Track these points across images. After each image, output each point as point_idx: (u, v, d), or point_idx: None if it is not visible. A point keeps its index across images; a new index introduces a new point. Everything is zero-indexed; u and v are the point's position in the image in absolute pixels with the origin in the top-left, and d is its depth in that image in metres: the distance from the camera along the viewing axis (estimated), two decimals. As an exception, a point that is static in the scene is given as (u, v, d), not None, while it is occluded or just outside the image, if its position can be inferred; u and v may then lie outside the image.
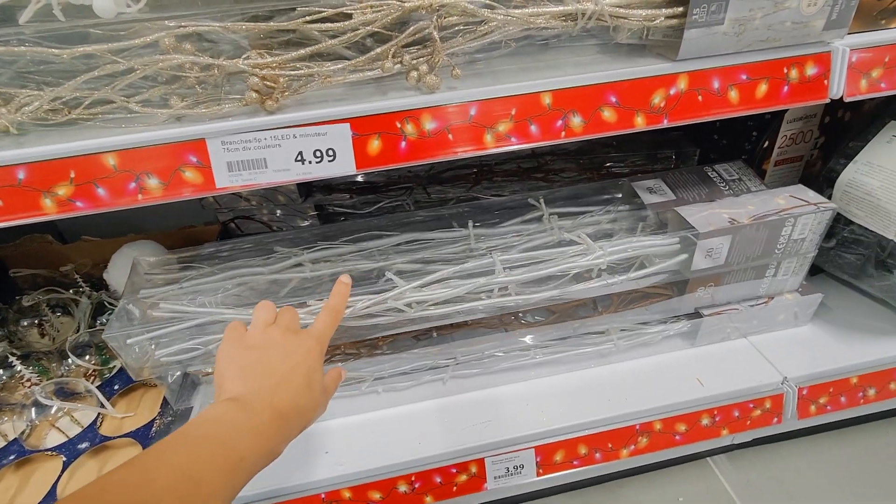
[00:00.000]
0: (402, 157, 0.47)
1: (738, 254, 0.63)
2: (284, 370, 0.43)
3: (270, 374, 0.43)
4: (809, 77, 0.51)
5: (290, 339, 0.46)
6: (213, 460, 0.36)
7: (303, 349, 0.45)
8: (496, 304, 0.59)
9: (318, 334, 0.47)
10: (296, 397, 0.43)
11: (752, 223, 0.61)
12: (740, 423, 0.66)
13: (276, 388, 0.42)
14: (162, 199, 0.45)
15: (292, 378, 0.43)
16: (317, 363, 0.45)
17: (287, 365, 0.44)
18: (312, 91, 0.46)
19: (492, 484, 0.62)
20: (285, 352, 0.45)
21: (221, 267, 0.66)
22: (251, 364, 0.44)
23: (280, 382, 0.42)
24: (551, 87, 0.47)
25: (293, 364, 0.44)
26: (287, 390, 0.42)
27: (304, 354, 0.45)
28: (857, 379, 0.66)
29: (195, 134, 0.43)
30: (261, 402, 0.41)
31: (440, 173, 0.88)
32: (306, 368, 0.44)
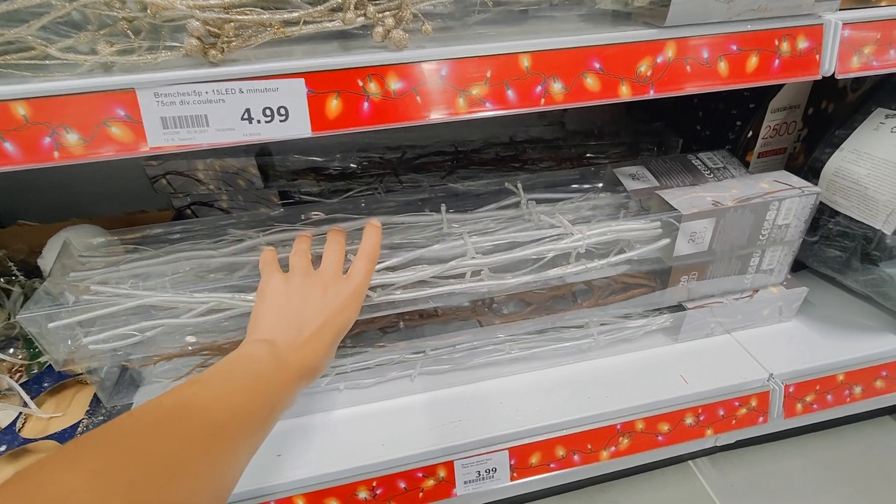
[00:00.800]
0: (365, 119, 0.42)
1: (722, 239, 0.60)
2: (318, 325, 0.44)
3: (305, 327, 0.43)
4: (801, 51, 0.48)
5: (329, 289, 0.45)
6: (256, 397, 0.38)
7: (339, 303, 0.45)
8: (468, 288, 0.55)
9: (356, 285, 0.47)
10: (322, 357, 0.44)
11: (737, 206, 0.58)
12: (725, 422, 0.62)
13: (306, 344, 0.43)
14: (83, 158, 0.39)
15: (324, 335, 0.44)
16: (349, 321, 0.46)
17: (321, 319, 0.44)
18: (264, 43, 0.41)
19: (461, 489, 0.57)
20: (323, 304, 0.44)
21: (168, 250, 0.60)
22: (288, 312, 0.44)
23: (311, 338, 0.43)
24: (530, 48, 0.43)
25: (326, 320, 0.44)
26: (316, 349, 0.43)
27: (339, 310, 0.45)
28: (844, 376, 0.64)
29: (123, 84, 0.38)
30: (291, 356, 0.42)
31: (413, 160, 0.83)
32: (338, 327, 0.45)
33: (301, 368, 0.42)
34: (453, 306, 0.64)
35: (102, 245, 0.63)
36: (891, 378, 0.66)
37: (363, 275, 0.48)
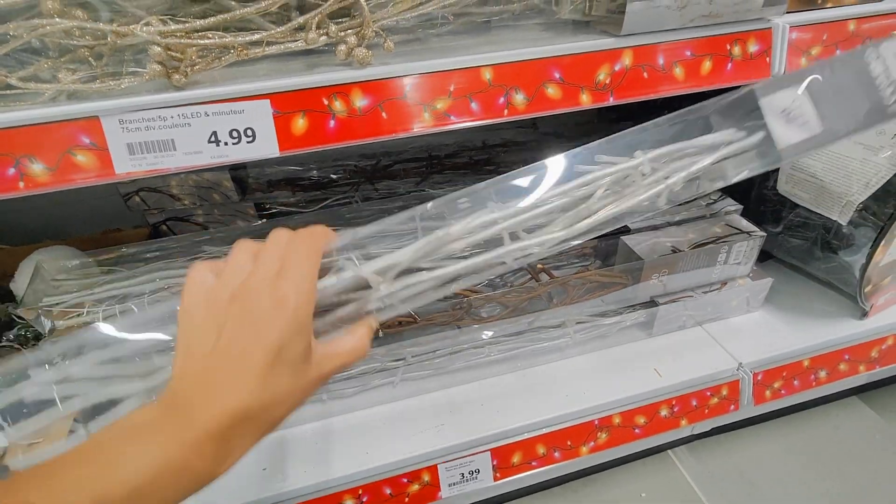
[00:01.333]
0: (332, 137, 0.43)
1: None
2: (236, 351, 0.28)
3: (217, 357, 0.28)
4: (752, 54, 0.50)
5: (258, 298, 0.29)
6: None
7: (269, 312, 0.28)
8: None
9: (297, 287, 0.29)
10: (249, 390, 0.28)
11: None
12: (699, 412, 0.65)
13: (217, 383, 0.28)
14: (50, 187, 0.39)
15: (244, 363, 0.28)
16: (287, 332, 0.28)
17: (242, 342, 0.28)
18: (229, 66, 0.41)
19: (446, 492, 0.58)
20: (244, 318, 0.28)
21: (143, 270, 0.60)
22: (203, 336, 0.29)
23: (224, 371, 0.28)
24: (491, 61, 0.44)
25: (251, 340, 0.28)
26: (237, 379, 0.28)
27: (268, 321, 0.28)
28: (809, 361, 0.66)
29: (87, 111, 0.38)
30: (197, 412, 0.27)
31: (388, 167, 0.84)
32: (269, 346, 0.28)
33: (211, 417, 0.27)
34: (432, 311, 0.65)
35: (77, 267, 0.62)
36: (853, 361, 0.69)
37: (306, 275, 0.30)
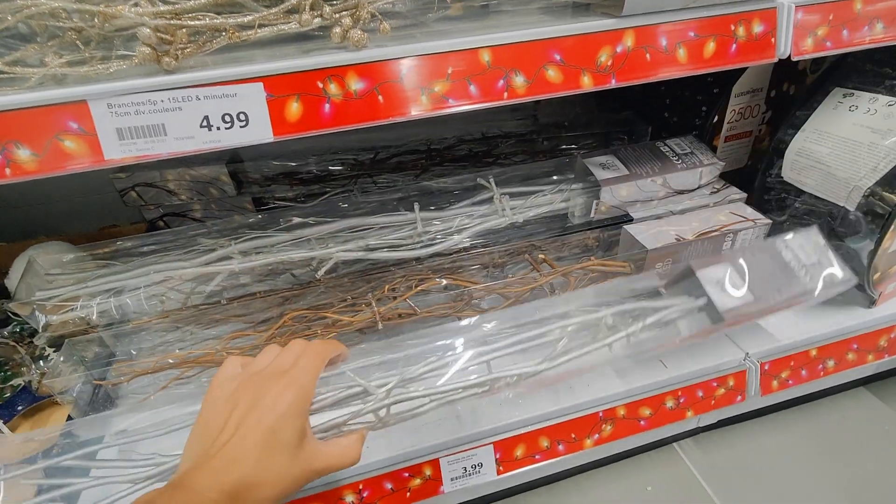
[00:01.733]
0: (327, 121, 0.42)
1: None
2: (240, 431, 0.32)
3: (223, 437, 0.32)
4: (756, 35, 0.49)
5: (263, 385, 0.34)
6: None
7: (269, 398, 0.34)
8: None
9: (297, 380, 0.35)
10: (245, 466, 0.31)
11: (696, 239, 0.63)
12: (705, 403, 0.63)
13: (220, 455, 0.31)
14: (37, 174, 0.38)
15: (245, 442, 0.32)
16: (285, 419, 0.33)
17: (245, 423, 0.33)
18: (220, 50, 0.40)
19: (448, 486, 0.57)
20: (250, 404, 0.33)
21: (138, 263, 0.59)
22: (214, 421, 0.34)
23: (229, 449, 0.32)
24: (490, 43, 0.43)
25: (252, 422, 0.33)
26: (235, 456, 0.32)
27: (268, 406, 0.33)
28: (817, 351, 0.65)
29: (74, 96, 0.37)
30: (198, 480, 0.31)
31: (387, 160, 0.83)
32: (266, 426, 0.32)
33: (217, 491, 0.30)
34: (432, 303, 0.64)
35: (71, 262, 0.61)
36: (861, 350, 0.68)
37: (308, 369, 0.37)
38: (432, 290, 0.66)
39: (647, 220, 0.67)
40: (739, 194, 0.70)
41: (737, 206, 0.68)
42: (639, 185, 0.65)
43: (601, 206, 0.65)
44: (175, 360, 0.57)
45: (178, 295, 0.62)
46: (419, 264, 0.66)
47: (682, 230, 0.64)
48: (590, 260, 0.65)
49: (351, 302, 0.62)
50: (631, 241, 0.64)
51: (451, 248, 0.64)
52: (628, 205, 0.67)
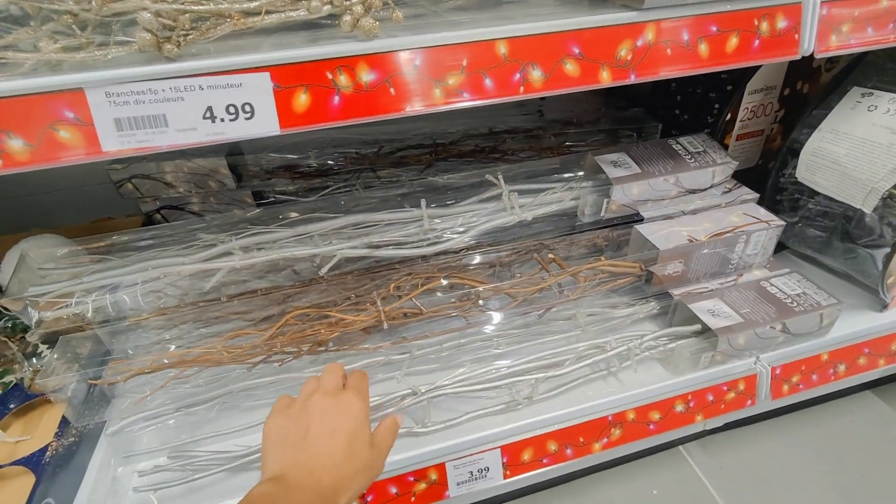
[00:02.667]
0: (336, 114, 0.40)
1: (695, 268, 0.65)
2: (324, 437, 0.39)
3: (310, 444, 0.39)
4: (780, 30, 0.47)
5: (329, 401, 0.41)
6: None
7: (342, 408, 0.41)
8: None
9: (359, 390, 0.43)
10: (339, 465, 0.38)
11: (709, 240, 0.62)
12: (714, 407, 0.62)
13: (314, 459, 0.38)
14: (31, 166, 0.36)
15: (332, 444, 0.39)
16: (358, 421, 0.41)
17: (326, 430, 0.40)
18: (225, 36, 0.38)
19: (454, 491, 0.56)
20: (324, 416, 0.40)
21: (135, 258, 0.57)
22: (291, 436, 0.40)
23: (319, 451, 0.39)
24: (507, 34, 0.41)
25: (332, 428, 0.40)
26: (327, 459, 0.38)
27: (343, 414, 0.41)
28: (828, 355, 0.64)
29: (70, 83, 0.35)
30: (299, 478, 0.37)
31: (391, 154, 0.81)
32: (348, 431, 0.40)
33: (317, 485, 0.37)
34: (438, 303, 0.62)
35: (66, 256, 0.59)
36: (873, 354, 0.67)
37: (358, 377, 0.45)
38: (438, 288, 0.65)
39: (657, 219, 0.65)
40: (752, 194, 0.69)
41: (749, 207, 0.67)
42: (651, 184, 0.63)
43: (612, 204, 0.64)
44: (172, 360, 0.55)
45: (176, 291, 0.60)
46: (425, 262, 0.64)
47: (695, 231, 0.63)
48: (599, 260, 0.63)
49: (355, 300, 0.60)
50: (642, 241, 0.63)
51: (457, 246, 0.62)
52: (639, 204, 0.65)
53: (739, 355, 0.61)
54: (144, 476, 0.52)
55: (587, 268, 0.62)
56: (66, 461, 0.52)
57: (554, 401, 0.59)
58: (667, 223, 0.64)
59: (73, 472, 0.52)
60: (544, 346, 0.62)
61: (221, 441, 0.55)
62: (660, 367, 0.63)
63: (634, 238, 0.65)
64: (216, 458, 0.54)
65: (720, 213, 0.66)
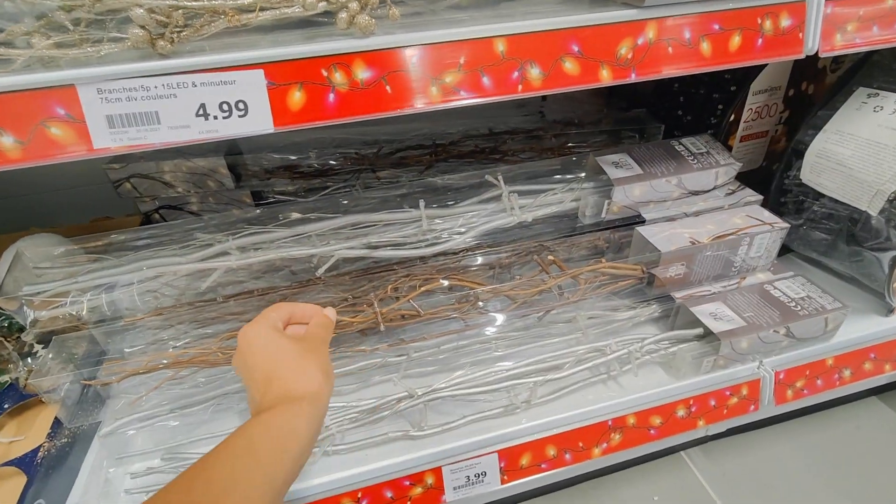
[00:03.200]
0: (332, 112, 0.39)
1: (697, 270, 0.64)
2: (279, 360, 0.42)
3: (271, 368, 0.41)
4: (784, 29, 0.46)
5: (240, 340, 0.43)
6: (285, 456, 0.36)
7: (254, 338, 0.43)
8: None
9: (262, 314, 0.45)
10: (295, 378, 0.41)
11: (712, 243, 0.61)
12: (717, 412, 0.61)
13: (298, 376, 0.40)
14: (22, 163, 0.35)
15: (285, 361, 0.41)
16: (269, 338, 0.43)
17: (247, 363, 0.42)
18: (219, 33, 0.38)
19: (451, 496, 0.55)
20: (248, 351, 0.42)
21: (132, 258, 0.56)
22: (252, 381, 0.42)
23: (300, 366, 0.41)
24: (505, 32, 0.40)
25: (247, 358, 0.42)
26: (287, 376, 0.41)
27: (261, 341, 0.43)
28: (833, 360, 0.63)
29: (62, 80, 0.34)
30: (297, 392, 0.39)
31: (391, 154, 0.80)
32: (314, 342, 0.44)
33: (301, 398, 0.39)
34: (437, 304, 0.62)
35: (62, 255, 0.59)
36: (879, 359, 0.66)
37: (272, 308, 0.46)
38: (437, 290, 0.64)
39: (659, 221, 0.64)
40: (755, 196, 0.68)
41: (753, 209, 0.66)
42: (653, 185, 0.63)
43: (613, 205, 0.63)
44: (168, 360, 0.55)
45: (173, 291, 0.60)
46: (424, 263, 0.64)
47: (697, 233, 0.62)
48: (600, 262, 0.62)
49: (352, 301, 0.59)
50: (643, 243, 0.62)
51: (456, 247, 0.62)
52: (641, 205, 0.64)
53: (742, 360, 0.60)
54: (137, 478, 0.52)
55: (588, 270, 0.62)
56: (58, 462, 0.51)
57: (553, 405, 0.58)
58: (669, 225, 0.64)
59: (66, 474, 0.51)
60: (544, 349, 0.61)
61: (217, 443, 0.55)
62: (661, 372, 0.62)
63: (636, 240, 0.64)
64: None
65: (723, 215, 0.65)
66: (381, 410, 0.55)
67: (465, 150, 0.80)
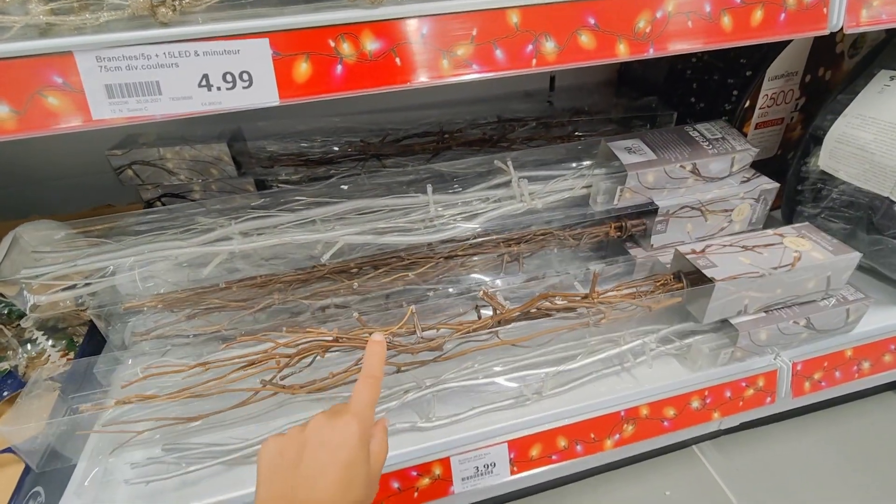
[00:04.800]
0: (339, 84, 0.38)
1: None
2: (316, 469, 0.35)
3: (303, 477, 0.35)
4: (808, 4, 0.45)
5: (325, 424, 0.37)
6: None
7: (339, 435, 0.37)
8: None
9: (356, 411, 0.38)
10: (331, 499, 0.35)
11: None
12: (732, 404, 0.60)
13: (306, 495, 0.34)
14: (17, 134, 0.34)
15: (325, 479, 0.35)
16: (357, 450, 0.36)
17: (319, 463, 0.35)
18: (223, 2, 0.36)
19: (459, 486, 0.53)
20: (320, 441, 0.36)
21: (132, 242, 0.55)
22: (281, 469, 0.36)
23: (312, 487, 0.35)
24: (520, 2, 0.39)
25: (326, 461, 0.35)
26: (320, 494, 0.34)
27: (340, 442, 0.36)
28: (852, 351, 0.61)
29: (59, 47, 0.33)
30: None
31: (397, 142, 0.79)
32: (342, 464, 0.36)
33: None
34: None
35: (62, 240, 0.58)
36: (899, 352, 0.64)
37: (363, 396, 0.39)
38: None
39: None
40: (772, 184, 0.66)
41: (807, 228, 0.61)
42: (667, 171, 0.61)
43: (625, 192, 0.61)
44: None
45: (175, 277, 0.58)
46: (430, 250, 0.62)
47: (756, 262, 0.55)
48: (643, 295, 0.57)
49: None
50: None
51: (464, 234, 0.60)
52: (654, 192, 0.63)
53: (760, 352, 0.58)
54: (137, 468, 0.50)
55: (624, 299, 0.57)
56: (56, 451, 0.50)
57: (564, 396, 0.57)
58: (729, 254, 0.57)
59: (64, 462, 0.50)
60: (555, 341, 0.60)
61: (218, 432, 0.54)
62: (676, 364, 0.60)
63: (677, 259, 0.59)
64: (211, 451, 0.52)
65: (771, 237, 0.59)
66: (388, 400, 0.53)
67: (472, 137, 0.79)
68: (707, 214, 0.65)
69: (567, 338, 0.59)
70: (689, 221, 0.66)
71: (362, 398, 0.39)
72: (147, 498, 0.49)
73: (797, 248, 0.57)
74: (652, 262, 0.67)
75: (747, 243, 0.58)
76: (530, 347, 0.58)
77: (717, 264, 0.55)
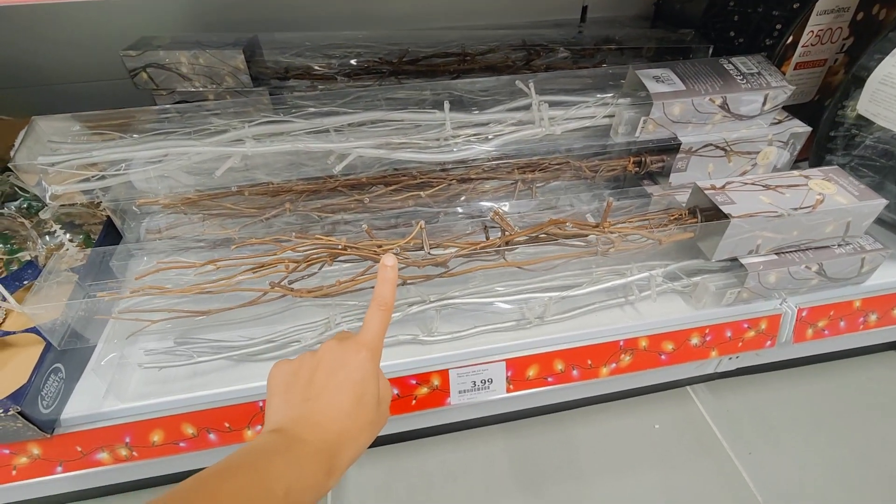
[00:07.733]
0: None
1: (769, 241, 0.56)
2: (330, 388, 0.36)
3: (315, 395, 0.36)
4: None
5: (336, 349, 0.38)
6: (250, 495, 0.30)
7: (353, 358, 0.37)
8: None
9: (368, 339, 0.39)
10: (343, 420, 0.35)
11: None
12: (731, 344, 0.60)
13: (318, 412, 0.35)
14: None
15: (338, 396, 0.36)
16: (369, 374, 0.37)
17: (333, 381, 0.36)
18: None
19: (456, 399, 0.55)
20: (332, 366, 0.37)
21: (147, 137, 0.55)
22: (295, 386, 0.37)
23: (324, 404, 0.36)
24: None
25: (340, 380, 0.36)
26: (333, 411, 0.35)
27: (353, 366, 0.37)
28: (861, 302, 0.61)
29: None
30: (302, 431, 0.34)
31: (416, 61, 0.76)
32: (355, 382, 0.36)
33: (319, 439, 0.34)
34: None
35: (76, 133, 0.58)
36: (909, 307, 0.63)
37: (374, 324, 0.39)
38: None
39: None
40: (803, 127, 0.63)
41: (835, 171, 0.59)
42: (694, 104, 0.58)
43: (649, 123, 0.59)
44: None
45: (189, 181, 0.59)
46: (443, 171, 0.61)
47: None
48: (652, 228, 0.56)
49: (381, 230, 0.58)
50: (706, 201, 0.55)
51: (479, 156, 0.59)
52: (679, 126, 0.60)
53: (767, 295, 0.58)
54: (151, 354, 0.53)
55: (635, 231, 0.56)
56: (76, 332, 0.52)
57: (566, 323, 0.58)
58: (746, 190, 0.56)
59: (83, 343, 0.53)
60: (561, 268, 0.60)
61: (227, 330, 0.56)
62: (680, 301, 0.60)
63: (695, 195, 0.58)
64: (220, 345, 0.54)
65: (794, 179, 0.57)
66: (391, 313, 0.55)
67: (495, 61, 0.76)
68: (731, 155, 0.63)
69: (574, 266, 0.59)
70: (712, 161, 0.64)
71: (373, 326, 0.39)
72: (160, 383, 0.52)
73: (822, 190, 0.55)
74: (668, 201, 0.65)
75: (770, 182, 0.56)
76: (536, 271, 0.58)
77: (736, 201, 0.54)
